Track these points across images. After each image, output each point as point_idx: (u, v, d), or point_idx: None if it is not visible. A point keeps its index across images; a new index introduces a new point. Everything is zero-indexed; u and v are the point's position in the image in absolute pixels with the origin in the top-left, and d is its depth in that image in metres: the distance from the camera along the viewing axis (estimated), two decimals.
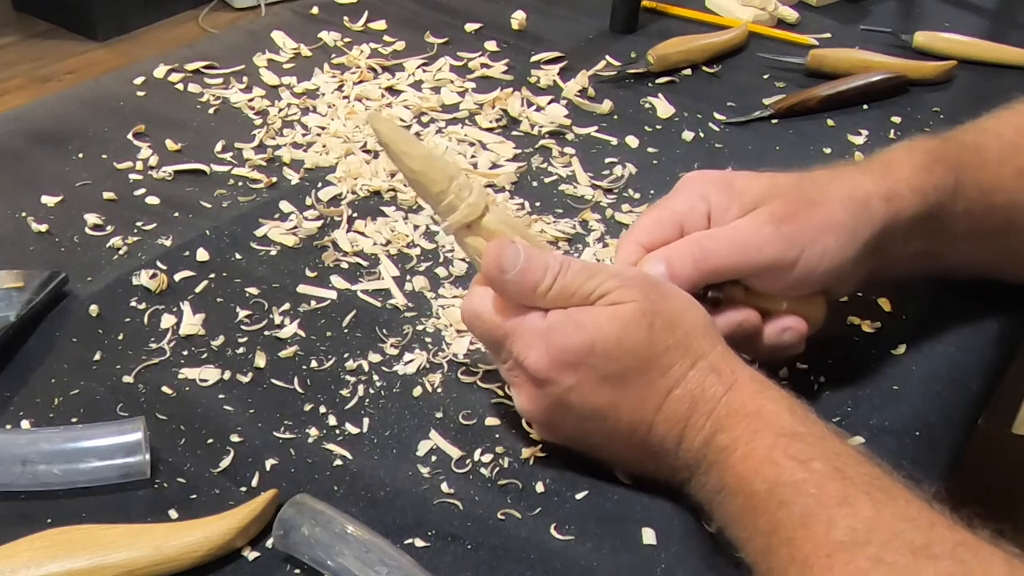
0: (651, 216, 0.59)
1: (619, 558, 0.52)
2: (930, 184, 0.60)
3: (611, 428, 0.53)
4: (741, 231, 0.56)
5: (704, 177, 0.60)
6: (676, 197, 0.59)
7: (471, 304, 0.55)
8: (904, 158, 0.61)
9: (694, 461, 0.51)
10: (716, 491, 0.50)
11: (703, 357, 0.51)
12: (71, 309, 0.66)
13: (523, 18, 1.05)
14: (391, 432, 0.58)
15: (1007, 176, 0.63)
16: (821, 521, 0.45)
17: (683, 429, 0.51)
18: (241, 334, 0.64)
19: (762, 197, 0.57)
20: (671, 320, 0.51)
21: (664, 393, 0.51)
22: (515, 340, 0.53)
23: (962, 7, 1.16)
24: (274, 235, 0.73)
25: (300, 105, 0.89)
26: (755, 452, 0.48)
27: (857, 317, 0.67)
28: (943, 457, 0.59)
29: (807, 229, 0.56)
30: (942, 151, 0.62)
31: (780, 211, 0.56)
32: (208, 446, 0.57)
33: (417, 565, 0.49)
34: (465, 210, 0.53)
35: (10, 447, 0.54)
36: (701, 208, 0.58)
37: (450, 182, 0.53)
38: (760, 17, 1.08)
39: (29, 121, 0.85)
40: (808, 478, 0.46)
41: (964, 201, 0.61)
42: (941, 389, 0.63)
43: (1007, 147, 0.64)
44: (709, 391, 0.51)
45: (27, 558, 0.48)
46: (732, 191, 0.58)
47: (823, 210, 0.57)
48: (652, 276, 0.54)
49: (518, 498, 0.55)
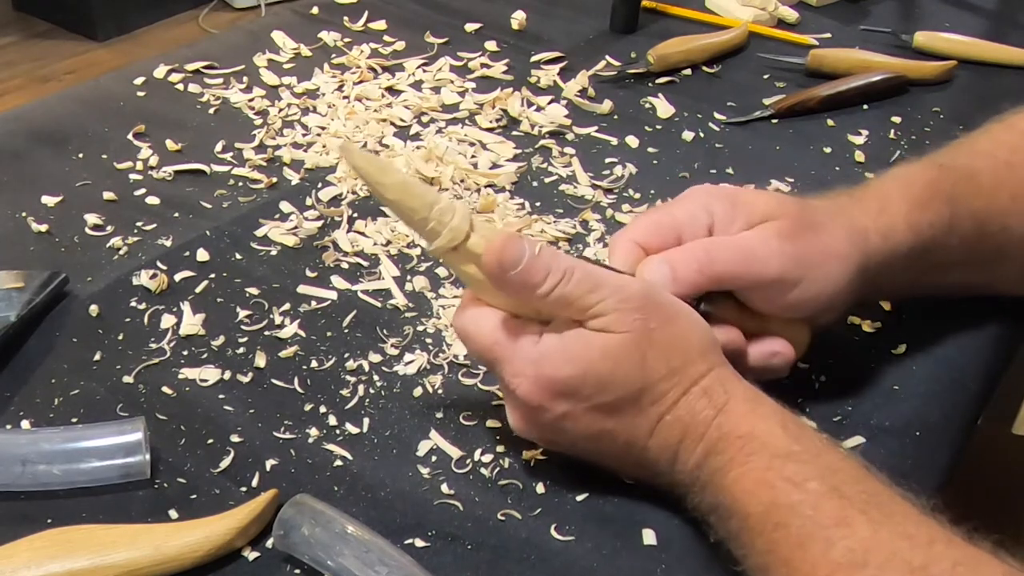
0: (651, 218, 0.58)
1: (619, 559, 0.52)
2: (926, 221, 0.60)
3: (606, 448, 0.53)
4: (748, 242, 0.56)
5: (709, 189, 0.60)
6: (678, 204, 0.59)
7: (462, 323, 0.54)
8: (900, 193, 0.60)
9: (689, 481, 0.51)
10: (712, 510, 0.50)
11: (696, 382, 0.51)
12: (71, 309, 0.66)
13: (523, 18, 1.05)
14: (391, 432, 0.58)
15: (1001, 202, 0.63)
16: (818, 542, 0.45)
17: (675, 452, 0.51)
18: (241, 334, 0.64)
19: (768, 213, 0.57)
20: (667, 348, 0.51)
21: (655, 419, 0.51)
22: (505, 366, 0.52)
23: (962, 7, 1.16)
24: (274, 235, 0.73)
25: (300, 105, 0.89)
26: (749, 474, 0.48)
27: (857, 317, 0.67)
28: (943, 457, 0.59)
29: (813, 251, 0.56)
30: (937, 184, 0.61)
31: (788, 229, 0.56)
32: (208, 446, 0.57)
33: (417, 565, 0.49)
34: (448, 235, 0.51)
35: (10, 447, 0.54)
36: (703, 219, 0.57)
37: (430, 208, 0.51)
38: (760, 17, 1.08)
39: (29, 121, 0.85)
40: (804, 499, 0.46)
41: (959, 233, 0.61)
42: (941, 389, 0.63)
43: (1001, 169, 0.64)
44: (700, 415, 0.50)
45: (27, 558, 0.48)
46: (737, 205, 0.57)
47: (828, 236, 0.57)
48: (656, 294, 0.52)
49: (518, 499, 0.55)
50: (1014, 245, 0.64)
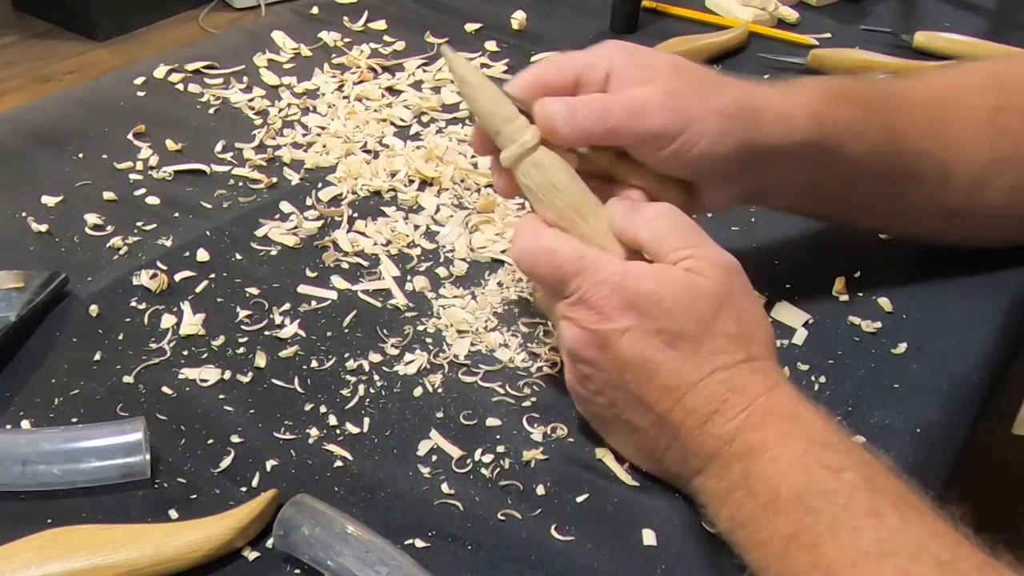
0: (555, 60, 0.60)
1: (619, 559, 0.52)
2: (829, 115, 0.60)
3: (643, 388, 0.52)
4: (637, 97, 0.57)
5: (617, 43, 0.60)
6: (585, 52, 0.60)
7: (543, 241, 0.55)
8: (810, 86, 0.61)
9: (714, 450, 0.50)
10: (732, 488, 0.50)
11: (756, 359, 0.52)
12: (71, 309, 0.66)
13: (523, 18, 1.05)
14: (392, 432, 0.58)
15: (919, 122, 0.63)
16: (848, 530, 0.45)
17: (713, 412, 0.51)
18: (241, 334, 0.64)
19: (664, 72, 0.58)
20: (741, 315, 0.52)
21: (708, 370, 0.51)
22: (589, 275, 0.53)
23: (962, 7, 1.15)
24: (274, 235, 0.73)
25: (300, 105, 0.89)
26: (786, 455, 0.48)
27: (857, 317, 0.67)
28: (944, 456, 0.59)
29: (697, 107, 0.57)
30: (853, 89, 0.62)
31: (675, 87, 0.57)
32: (208, 446, 0.57)
33: (417, 565, 0.49)
34: (517, 147, 0.56)
35: (10, 447, 0.54)
36: (602, 67, 0.58)
37: (508, 123, 0.56)
38: (760, 17, 1.08)
39: (29, 121, 0.85)
40: (839, 488, 0.46)
41: (868, 139, 0.61)
42: (942, 387, 0.62)
43: (925, 96, 0.64)
44: (752, 385, 0.51)
45: (27, 558, 0.48)
46: (637, 61, 0.58)
47: (716, 98, 0.58)
48: (736, 268, 0.54)
49: (519, 499, 0.55)
50: (925, 174, 0.64)
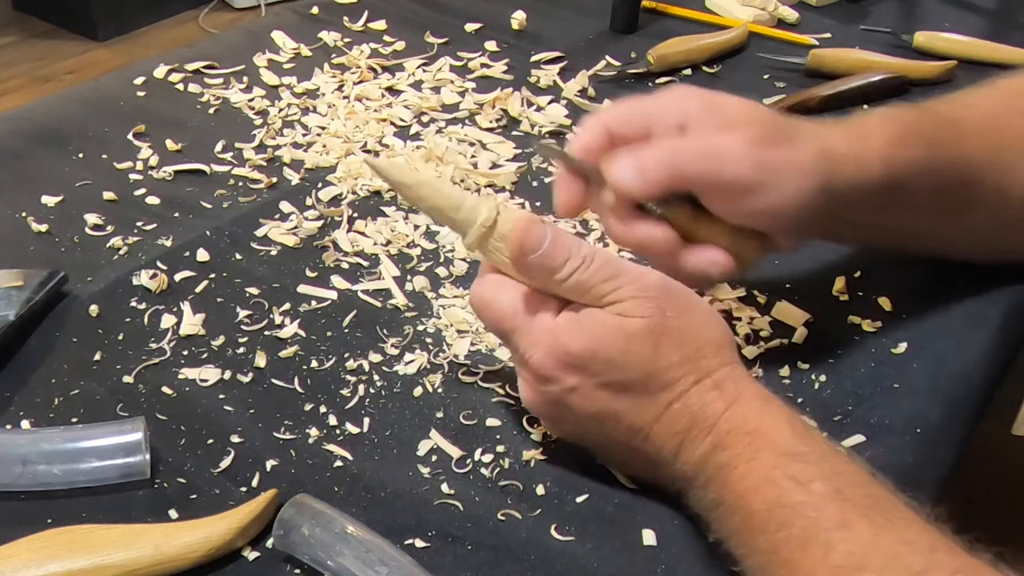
0: (624, 107, 0.59)
1: (619, 559, 0.52)
2: (900, 156, 0.60)
3: (610, 431, 0.53)
4: (716, 145, 0.56)
5: (688, 88, 0.60)
6: (654, 98, 0.59)
7: (482, 291, 0.55)
8: (880, 126, 0.61)
9: (692, 474, 0.51)
10: (714, 506, 0.50)
11: (708, 375, 0.51)
12: (71, 309, 0.66)
13: (523, 18, 1.05)
14: (391, 432, 0.58)
15: (980, 149, 0.63)
16: (819, 544, 0.45)
17: (680, 443, 0.51)
18: (241, 334, 0.64)
19: (742, 120, 0.57)
20: (682, 338, 0.51)
21: (664, 405, 0.51)
22: (522, 336, 0.53)
23: (962, 7, 1.15)
24: (274, 235, 0.73)
25: (300, 105, 0.89)
26: (755, 471, 0.48)
27: (857, 317, 0.67)
28: (944, 455, 0.59)
29: (778, 161, 0.56)
30: (920, 124, 0.62)
31: (758, 136, 0.56)
32: (208, 446, 0.57)
33: (417, 565, 0.49)
34: (475, 232, 0.53)
35: (10, 447, 0.54)
36: (675, 115, 0.57)
37: (457, 210, 0.53)
38: (760, 17, 1.08)
39: (29, 121, 0.85)
40: (807, 500, 0.46)
41: (936, 176, 0.61)
42: (942, 387, 0.62)
43: (980, 123, 0.64)
44: (709, 407, 0.50)
45: (27, 558, 0.48)
46: (712, 107, 0.58)
47: (797, 150, 0.57)
48: (673, 285, 0.53)
49: (519, 499, 0.55)
50: (984, 198, 0.64)
